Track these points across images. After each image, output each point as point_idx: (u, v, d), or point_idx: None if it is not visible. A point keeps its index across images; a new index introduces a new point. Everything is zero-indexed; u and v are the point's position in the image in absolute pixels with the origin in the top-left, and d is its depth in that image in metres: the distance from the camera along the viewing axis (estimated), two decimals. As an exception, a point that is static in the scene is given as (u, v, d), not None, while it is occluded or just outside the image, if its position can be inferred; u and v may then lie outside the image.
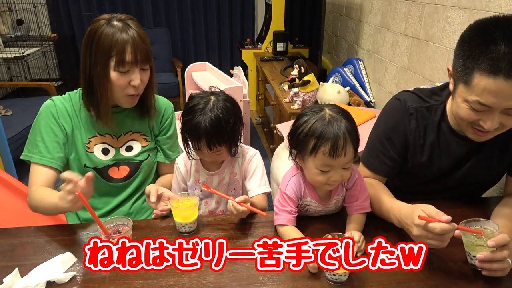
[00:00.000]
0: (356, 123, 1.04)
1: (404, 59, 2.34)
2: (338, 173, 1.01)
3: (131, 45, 1.14)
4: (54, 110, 1.25)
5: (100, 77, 1.16)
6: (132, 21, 1.19)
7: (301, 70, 2.64)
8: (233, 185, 1.32)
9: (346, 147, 0.97)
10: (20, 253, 1.03)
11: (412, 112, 1.16)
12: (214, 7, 4.63)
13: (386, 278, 0.94)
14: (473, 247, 0.94)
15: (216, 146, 1.16)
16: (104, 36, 1.13)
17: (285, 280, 0.93)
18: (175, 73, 4.32)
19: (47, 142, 1.22)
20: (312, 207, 1.14)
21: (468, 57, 0.94)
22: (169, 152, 1.42)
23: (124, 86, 1.18)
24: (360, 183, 1.13)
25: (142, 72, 1.20)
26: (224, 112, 1.15)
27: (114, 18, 1.17)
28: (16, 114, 3.23)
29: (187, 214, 1.09)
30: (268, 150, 3.49)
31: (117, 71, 1.16)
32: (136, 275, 0.94)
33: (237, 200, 1.09)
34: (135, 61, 1.15)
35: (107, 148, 1.30)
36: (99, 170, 1.30)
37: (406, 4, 2.29)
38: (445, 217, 0.87)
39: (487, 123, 0.96)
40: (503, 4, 1.55)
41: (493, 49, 0.88)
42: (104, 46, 1.13)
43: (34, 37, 4.34)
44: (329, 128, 0.97)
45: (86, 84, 1.20)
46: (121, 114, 1.31)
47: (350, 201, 1.13)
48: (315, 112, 1.02)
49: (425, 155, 1.18)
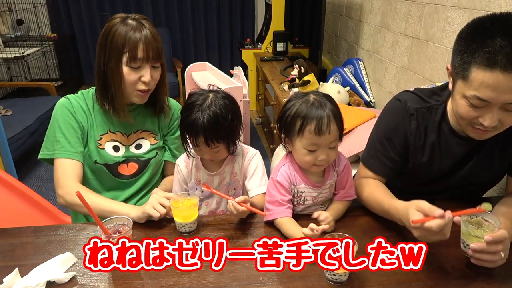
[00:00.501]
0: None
1: (404, 59, 2.34)
2: (324, 152, 1.07)
3: (144, 42, 1.19)
4: (70, 107, 1.28)
5: (113, 72, 1.21)
6: (146, 20, 1.24)
7: (301, 70, 2.64)
8: (234, 185, 1.32)
9: (330, 125, 1.04)
10: (20, 253, 1.03)
11: (412, 113, 1.16)
12: (214, 7, 4.63)
13: (386, 278, 0.94)
14: (469, 236, 0.94)
15: (214, 142, 1.16)
16: (118, 33, 1.18)
17: (285, 280, 0.93)
18: (175, 73, 4.31)
19: (69, 137, 1.26)
20: (307, 194, 1.16)
21: (465, 52, 0.94)
22: (176, 152, 1.45)
23: (135, 82, 1.23)
24: (348, 169, 1.19)
25: (153, 70, 1.25)
26: (222, 109, 1.16)
27: (129, 17, 1.22)
28: (16, 114, 3.23)
29: (187, 214, 1.09)
30: (268, 150, 3.49)
31: (129, 67, 1.20)
32: (136, 275, 0.94)
33: (237, 200, 1.09)
34: (147, 57, 1.20)
35: (118, 146, 1.34)
36: (109, 166, 1.33)
37: (406, 4, 2.29)
38: (438, 212, 0.87)
39: (487, 120, 0.95)
40: (503, 4, 1.55)
41: (490, 43, 0.89)
42: (118, 43, 1.18)
43: (34, 37, 4.34)
44: (313, 109, 1.05)
45: (101, 79, 1.25)
46: (133, 112, 1.35)
47: (338, 188, 1.19)
48: (300, 96, 1.10)
49: (425, 156, 1.18)
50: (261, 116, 4.04)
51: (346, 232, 0.96)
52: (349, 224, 1.15)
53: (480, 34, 0.92)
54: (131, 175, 1.37)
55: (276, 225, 1.12)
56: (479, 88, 0.92)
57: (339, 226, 1.13)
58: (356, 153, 1.99)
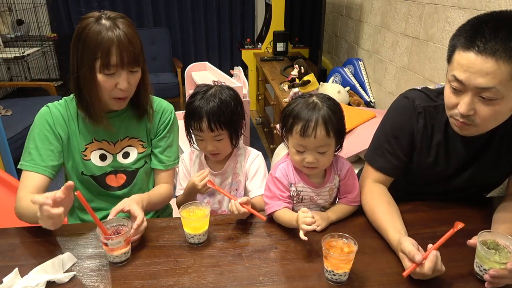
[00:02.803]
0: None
1: (404, 59, 2.34)
2: (312, 155, 1.07)
3: (117, 46, 1.07)
4: (49, 117, 1.21)
5: (87, 79, 1.11)
6: (123, 19, 1.11)
7: (301, 70, 2.64)
8: (236, 186, 1.33)
9: (316, 129, 1.04)
10: (20, 253, 1.03)
11: (420, 111, 1.14)
12: (214, 7, 4.63)
13: (386, 278, 0.94)
14: (488, 261, 0.91)
15: (217, 127, 1.19)
16: (90, 35, 1.07)
17: (285, 280, 0.93)
18: (175, 73, 4.31)
19: (41, 149, 1.18)
20: (306, 193, 1.16)
21: (455, 37, 0.98)
22: (162, 156, 1.32)
23: (111, 89, 1.13)
24: (352, 174, 1.18)
25: (131, 75, 1.13)
26: (226, 96, 1.22)
27: (104, 16, 1.10)
28: (16, 114, 3.23)
29: (196, 225, 1.04)
30: (268, 150, 3.49)
31: (103, 73, 1.10)
32: (136, 275, 0.94)
33: (239, 201, 1.09)
34: (121, 63, 1.08)
35: (105, 154, 1.26)
36: (96, 178, 1.27)
37: (406, 4, 2.29)
38: (417, 258, 0.88)
39: (462, 106, 0.97)
40: (503, 4, 1.55)
41: (476, 28, 0.93)
42: (89, 47, 1.07)
43: (34, 37, 4.34)
44: (305, 110, 1.06)
45: (75, 86, 1.16)
46: (117, 119, 1.26)
47: (344, 193, 1.19)
48: (305, 96, 1.11)
49: (431, 156, 1.16)
50: (261, 116, 4.04)
51: (346, 232, 0.96)
52: (349, 224, 1.15)
53: (472, 25, 0.95)
54: (119, 187, 1.30)
55: (276, 219, 1.13)
56: (455, 68, 0.96)
57: (339, 226, 1.13)
58: (356, 153, 1.99)
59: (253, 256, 1.02)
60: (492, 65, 0.89)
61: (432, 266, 0.87)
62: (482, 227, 1.00)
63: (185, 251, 1.03)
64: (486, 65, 0.89)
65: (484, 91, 0.92)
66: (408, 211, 1.19)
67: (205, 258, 1.01)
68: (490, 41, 0.89)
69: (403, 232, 1.02)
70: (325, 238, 0.93)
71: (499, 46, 0.88)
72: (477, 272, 0.95)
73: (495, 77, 0.89)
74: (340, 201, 1.19)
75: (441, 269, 0.89)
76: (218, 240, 1.08)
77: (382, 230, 1.06)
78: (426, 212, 1.21)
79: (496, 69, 0.89)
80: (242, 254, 1.02)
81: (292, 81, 2.76)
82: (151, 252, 1.03)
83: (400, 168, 1.19)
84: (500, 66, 0.88)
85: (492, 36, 0.89)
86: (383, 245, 1.05)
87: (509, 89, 0.91)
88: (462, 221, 0.94)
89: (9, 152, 2.25)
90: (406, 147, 1.17)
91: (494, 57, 0.88)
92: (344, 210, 1.17)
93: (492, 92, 0.91)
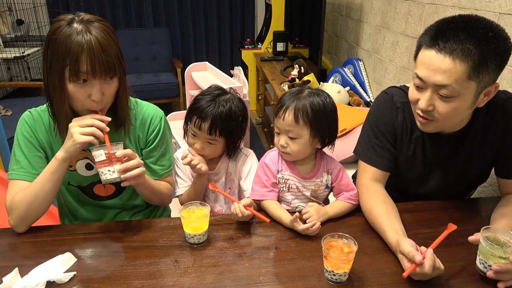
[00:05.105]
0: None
1: (404, 59, 2.34)
2: (283, 138, 1.14)
3: (87, 53, 0.97)
4: (32, 122, 1.13)
5: (56, 88, 1.01)
6: (98, 23, 1.02)
7: (301, 70, 2.64)
8: (229, 184, 1.34)
9: (286, 112, 1.10)
10: (20, 253, 1.03)
11: (399, 106, 1.19)
12: (214, 7, 4.63)
13: (386, 278, 0.94)
14: (492, 257, 0.90)
15: (216, 133, 1.20)
16: (59, 40, 0.97)
17: (285, 280, 0.93)
18: (175, 73, 4.31)
19: (29, 157, 1.11)
20: (292, 182, 1.19)
21: (421, 36, 1.03)
22: (156, 167, 1.24)
23: (83, 100, 1.03)
24: (344, 174, 1.21)
25: (105, 84, 1.03)
26: (236, 108, 1.23)
27: (76, 18, 1.02)
28: (16, 114, 3.23)
29: (196, 225, 1.04)
30: (268, 150, 3.48)
31: (73, 82, 0.99)
32: (136, 275, 0.94)
33: (242, 203, 1.09)
34: (92, 72, 0.98)
35: (91, 163, 1.19)
36: (84, 188, 1.22)
37: (406, 4, 2.29)
38: (417, 259, 0.88)
39: (422, 102, 1.02)
40: (503, 4, 1.55)
41: (440, 30, 0.97)
42: (58, 53, 0.97)
43: (34, 37, 4.34)
44: (288, 96, 1.13)
45: (46, 93, 1.06)
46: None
47: (338, 192, 1.22)
48: (301, 88, 1.17)
49: (410, 150, 1.20)
50: (261, 116, 4.04)
51: (346, 232, 0.96)
52: (349, 224, 1.15)
53: (439, 25, 1.00)
54: (108, 196, 1.25)
55: (263, 207, 1.18)
56: (418, 66, 1.01)
57: (338, 226, 1.13)
58: (356, 153, 1.99)
59: (253, 256, 1.02)
60: (449, 64, 0.94)
61: (432, 264, 0.87)
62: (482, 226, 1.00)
63: (185, 251, 1.03)
64: (444, 63, 0.94)
65: (441, 89, 0.97)
66: (408, 211, 1.19)
67: (205, 258, 1.01)
68: (449, 40, 0.94)
69: (402, 232, 1.02)
70: (325, 238, 0.93)
71: (457, 46, 0.93)
72: (480, 269, 0.94)
73: (451, 75, 0.94)
74: (338, 198, 1.21)
75: (441, 267, 0.89)
76: (218, 240, 1.08)
77: (381, 232, 1.06)
78: (426, 212, 1.21)
79: (453, 68, 0.94)
80: (242, 254, 1.02)
81: (292, 81, 2.76)
82: (151, 252, 1.03)
83: (392, 161, 1.22)
84: (457, 65, 0.93)
85: (452, 36, 0.94)
86: (383, 245, 1.05)
87: (464, 88, 0.96)
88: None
89: (9, 152, 2.25)
90: (391, 140, 1.21)
91: (452, 56, 0.93)
92: (341, 206, 1.18)
93: (448, 89, 0.96)
